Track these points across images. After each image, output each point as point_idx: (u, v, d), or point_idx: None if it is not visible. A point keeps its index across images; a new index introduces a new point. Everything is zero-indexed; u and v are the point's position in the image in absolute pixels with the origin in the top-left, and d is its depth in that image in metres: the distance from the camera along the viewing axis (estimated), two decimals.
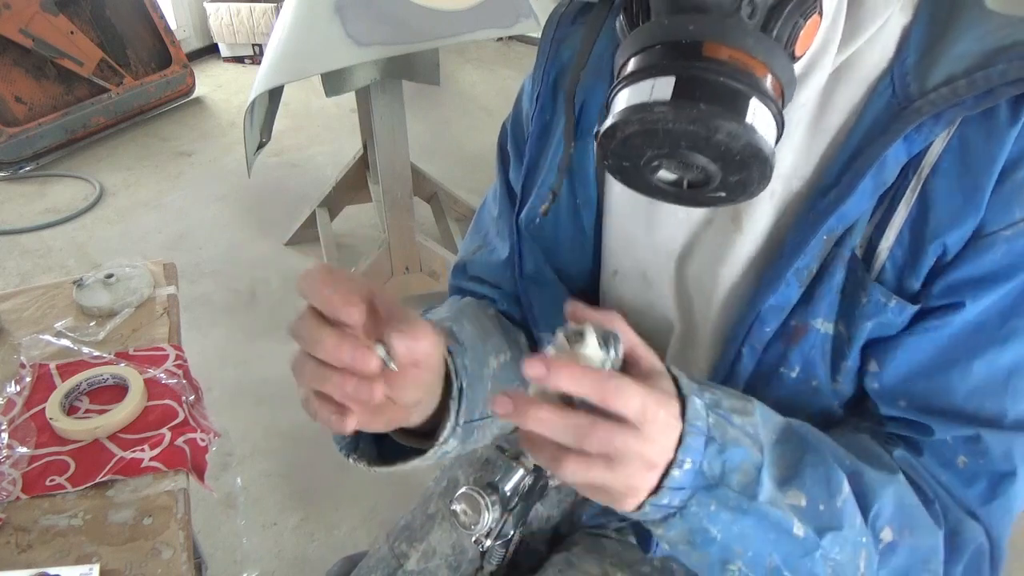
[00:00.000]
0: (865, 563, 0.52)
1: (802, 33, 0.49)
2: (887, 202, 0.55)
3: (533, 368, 0.43)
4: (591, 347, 0.45)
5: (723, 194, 0.51)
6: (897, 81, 0.55)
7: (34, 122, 3.20)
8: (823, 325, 0.58)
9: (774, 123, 0.48)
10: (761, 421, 0.52)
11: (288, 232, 2.76)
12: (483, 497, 0.58)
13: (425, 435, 0.60)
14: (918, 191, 0.54)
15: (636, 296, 0.70)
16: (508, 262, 0.77)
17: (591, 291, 0.75)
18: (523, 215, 0.74)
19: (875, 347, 0.58)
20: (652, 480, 0.46)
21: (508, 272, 0.77)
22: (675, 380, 0.49)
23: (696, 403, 0.48)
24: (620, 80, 0.50)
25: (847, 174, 0.55)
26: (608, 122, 0.49)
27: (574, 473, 0.44)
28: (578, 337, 0.46)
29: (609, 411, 0.44)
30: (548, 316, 0.75)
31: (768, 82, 0.48)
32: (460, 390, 0.59)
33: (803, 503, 0.50)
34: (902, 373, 0.57)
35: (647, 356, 0.49)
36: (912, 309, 0.55)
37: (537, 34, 0.79)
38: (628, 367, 0.48)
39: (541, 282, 0.74)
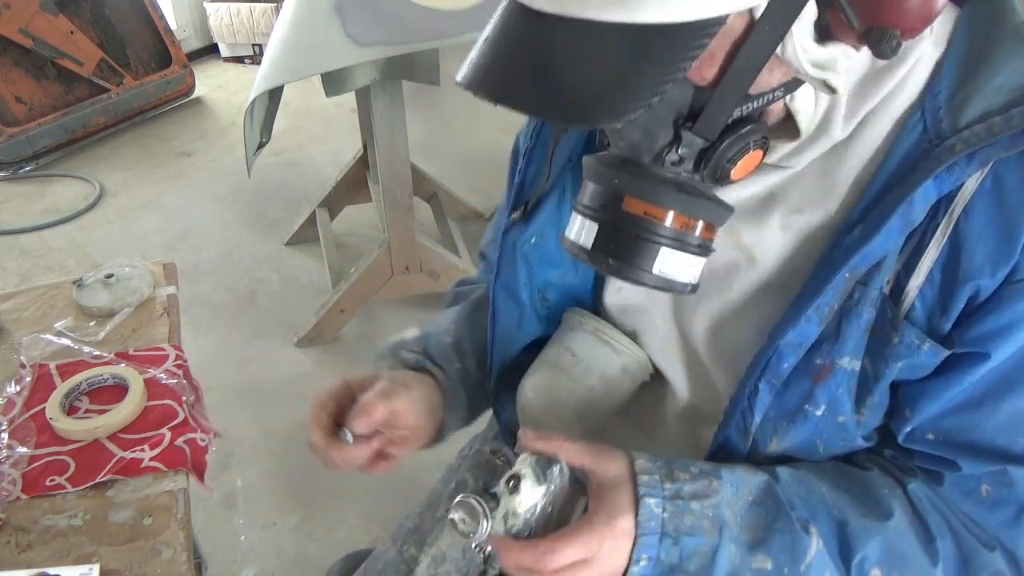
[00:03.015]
0: None
1: (740, 163, 0.52)
2: (916, 240, 0.53)
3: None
4: (525, 493, 0.56)
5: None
6: (928, 116, 0.53)
7: (34, 122, 3.21)
8: (850, 363, 0.57)
9: (693, 258, 0.53)
10: (729, 495, 0.56)
11: (288, 232, 2.77)
12: (481, 505, 0.57)
13: None
14: (949, 232, 0.52)
15: (641, 310, 0.69)
16: None
17: (592, 303, 0.74)
18: (513, 234, 0.71)
19: (905, 392, 0.57)
20: None
21: None
22: (634, 476, 0.55)
23: (649, 505, 0.54)
24: (580, 195, 0.56)
25: (873, 211, 0.53)
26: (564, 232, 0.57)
27: None
28: (514, 485, 0.56)
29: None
30: (509, 330, 0.74)
31: (687, 227, 0.52)
32: (442, 420, 0.75)
33: (769, 567, 0.54)
34: (931, 414, 0.56)
35: (600, 468, 0.56)
36: (945, 353, 0.54)
37: None
38: (585, 478, 0.58)
39: (515, 298, 0.73)
